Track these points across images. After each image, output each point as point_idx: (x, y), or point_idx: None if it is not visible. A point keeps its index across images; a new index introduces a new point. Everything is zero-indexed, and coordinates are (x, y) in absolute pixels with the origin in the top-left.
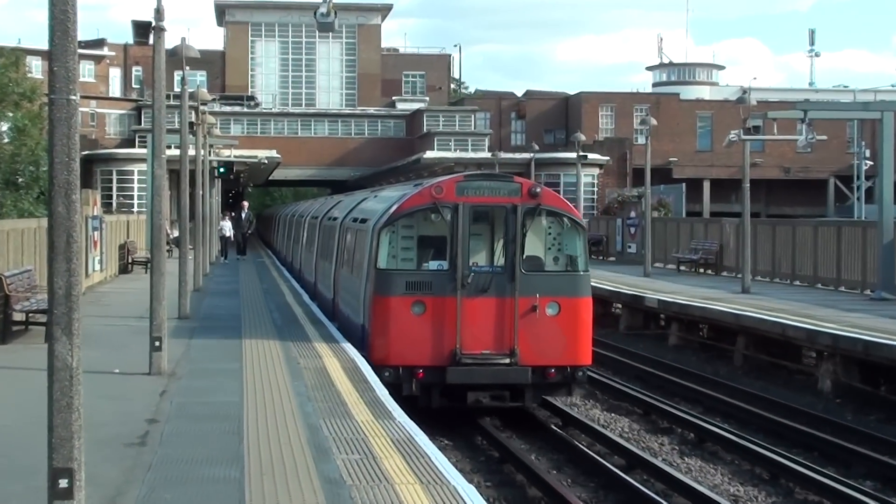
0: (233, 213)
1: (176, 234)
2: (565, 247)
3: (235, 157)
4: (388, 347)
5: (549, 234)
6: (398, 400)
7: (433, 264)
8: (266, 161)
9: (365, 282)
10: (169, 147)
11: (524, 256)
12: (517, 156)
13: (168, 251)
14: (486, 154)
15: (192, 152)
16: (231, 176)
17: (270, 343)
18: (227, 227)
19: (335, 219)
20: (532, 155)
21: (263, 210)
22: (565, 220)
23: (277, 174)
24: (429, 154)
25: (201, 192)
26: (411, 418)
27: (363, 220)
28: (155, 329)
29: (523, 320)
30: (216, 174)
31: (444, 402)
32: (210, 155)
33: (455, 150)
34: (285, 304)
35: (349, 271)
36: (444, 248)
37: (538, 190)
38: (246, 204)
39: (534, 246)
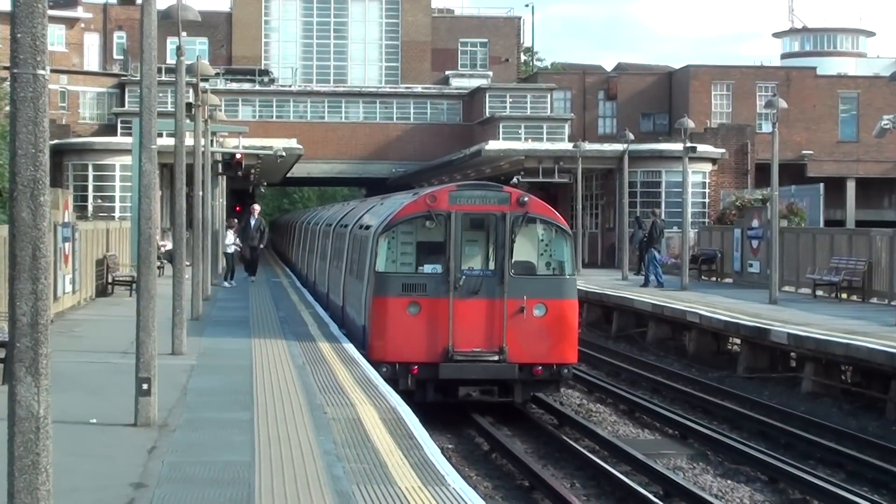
0: (237, 221)
1: (169, 246)
2: (553, 252)
3: (245, 147)
4: (385, 345)
5: (542, 240)
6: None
7: (428, 268)
8: (283, 153)
9: (366, 284)
10: (160, 135)
11: (515, 261)
12: (605, 147)
13: (159, 268)
14: (566, 145)
15: (189, 142)
16: (239, 172)
17: (289, 386)
18: (232, 240)
19: (346, 226)
20: (625, 146)
21: (279, 216)
22: (552, 227)
23: (298, 170)
24: (492, 145)
25: (201, 193)
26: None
27: (367, 227)
28: (142, 368)
29: (511, 320)
30: (220, 170)
31: (437, 397)
32: (213, 145)
33: (526, 139)
34: (307, 335)
35: (354, 276)
36: (438, 252)
37: (526, 199)
38: (257, 209)
39: (525, 251)
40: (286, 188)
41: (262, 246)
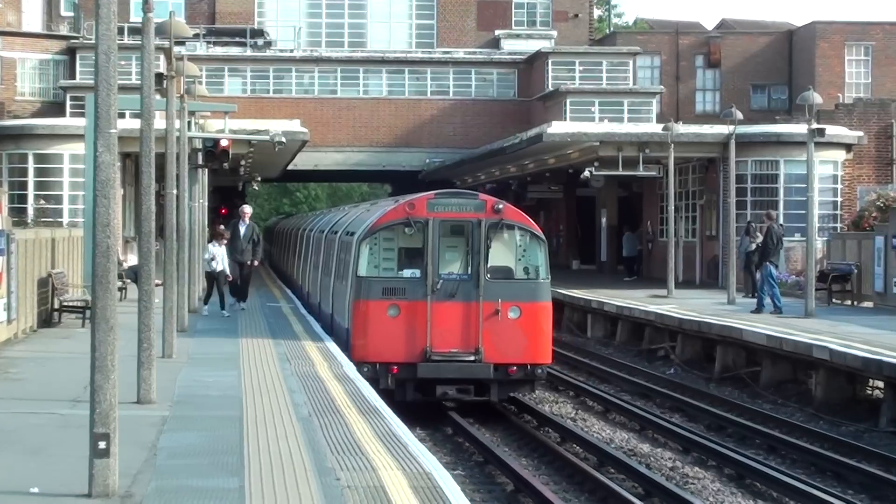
0: (223, 227)
1: (134, 261)
2: (527, 257)
3: (233, 132)
4: (366, 346)
5: (520, 246)
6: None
7: (407, 272)
8: (283, 139)
9: (349, 289)
10: (122, 116)
11: (492, 265)
12: (706, 129)
13: (120, 290)
14: (654, 127)
15: (160, 124)
16: (226, 164)
17: (290, 443)
18: (220, 255)
19: (336, 232)
20: (731, 129)
21: (277, 221)
22: (527, 233)
23: (302, 161)
24: (556, 127)
25: (175, 192)
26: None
27: (352, 234)
28: (99, 421)
29: (487, 322)
30: (201, 161)
31: (416, 396)
32: (191, 129)
33: (601, 118)
34: (314, 377)
35: (339, 281)
36: (417, 258)
37: (501, 206)
38: (247, 211)
39: (502, 256)
40: (287, 185)
41: (255, 262)
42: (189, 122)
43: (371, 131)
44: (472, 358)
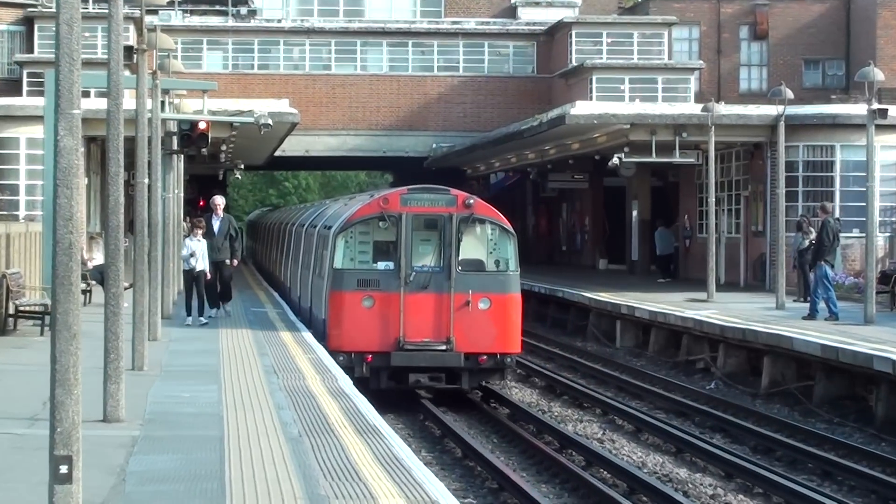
0: (202, 221)
1: (100, 259)
2: (497, 250)
3: (212, 113)
4: (342, 336)
5: (491, 239)
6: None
7: (381, 265)
8: (269, 122)
9: (325, 281)
10: (87, 95)
11: (464, 258)
12: (751, 110)
13: (85, 293)
14: (692, 108)
15: (130, 104)
16: (204, 149)
17: (278, 468)
18: (200, 252)
19: (315, 226)
20: (780, 110)
21: (262, 215)
22: (497, 227)
23: (291, 146)
24: (581, 108)
25: (147, 181)
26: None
27: (329, 227)
28: (60, 442)
29: (458, 313)
30: (176, 146)
31: (390, 384)
32: (166, 109)
33: (632, 97)
34: (305, 392)
35: (317, 274)
36: (391, 251)
37: (472, 201)
38: (220, 202)
39: (474, 249)
40: (274, 173)
41: (233, 262)
42: (162, 102)
43: (370, 112)
44: (444, 347)
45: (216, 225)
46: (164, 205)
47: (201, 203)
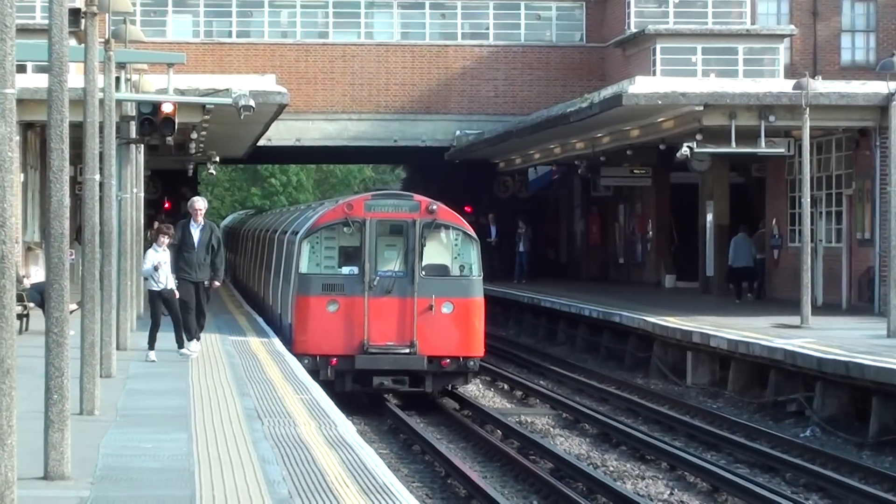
0: (170, 228)
1: (39, 276)
2: (461, 256)
3: (180, 92)
4: (307, 339)
5: (456, 244)
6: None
7: (345, 269)
8: (251, 103)
9: (291, 285)
10: (23, 70)
11: (428, 263)
12: (854, 88)
13: (20, 317)
14: (782, 84)
15: (77, 82)
16: (169, 138)
17: None
18: (164, 265)
19: (285, 232)
20: (892, 87)
21: (243, 222)
22: (459, 233)
23: (279, 133)
24: (642, 85)
25: (99, 178)
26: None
27: (296, 233)
28: None
29: (421, 317)
30: (135, 133)
31: (354, 387)
32: (122, 88)
33: (705, 71)
34: (296, 440)
35: (285, 279)
36: (356, 256)
37: (434, 207)
38: (200, 206)
39: (438, 254)
40: (257, 168)
41: (214, 283)
42: (117, 79)
43: (377, 92)
44: (408, 351)
45: (196, 235)
46: (120, 207)
47: (166, 205)
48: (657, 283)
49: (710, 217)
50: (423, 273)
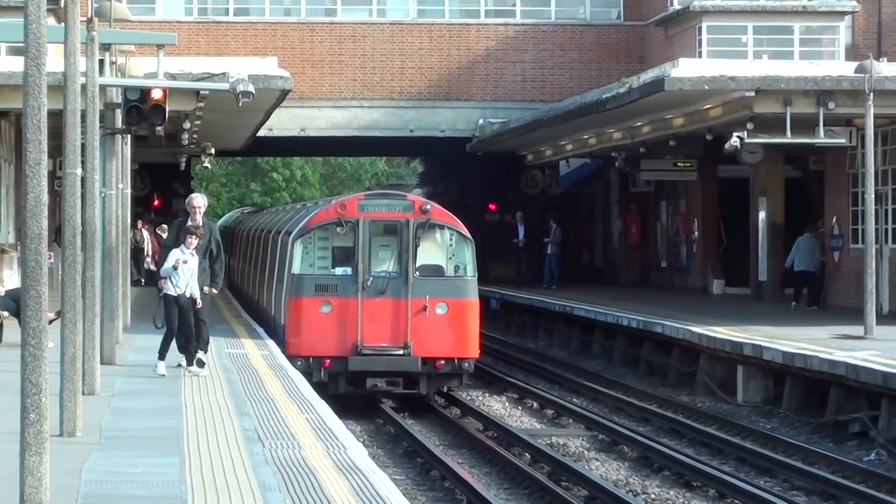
0: (194, 227)
1: (14, 281)
2: (456, 256)
3: (170, 76)
4: (300, 341)
5: (451, 245)
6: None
7: (339, 270)
8: (251, 88)
9: (285, 286)
10: None
11: (423, 264)
12: None
13: None
14: (843, 67)
15: (56, 65)
16: (159, 128)
17: None
18: (190, 270)
19: (280, 232)
20: None
21: (240, 221)
22: (454, 232)
23: (282, 123)
24: (686, 68)
25: (80, 172)
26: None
27: (289, 233)
28: None
29: (415, 318)
30: (122, 122)
31: (348, 389)
32: (106, 72)
33: (757, 52)
34: (302, 465)
35: (278, 280)
36: (350, 256)
37: (428, 207)
38: (200, 205)
39: (432, 255)
40: (257, 161)
41: (211, 290)
42: (101, 62)
43: (391, 76)
44: (401, 352)
45: (191, 237)
46: (105, 205)
47: (156, 203)
48: (703, 289)
49: (762, 215)
50: (417, 273)
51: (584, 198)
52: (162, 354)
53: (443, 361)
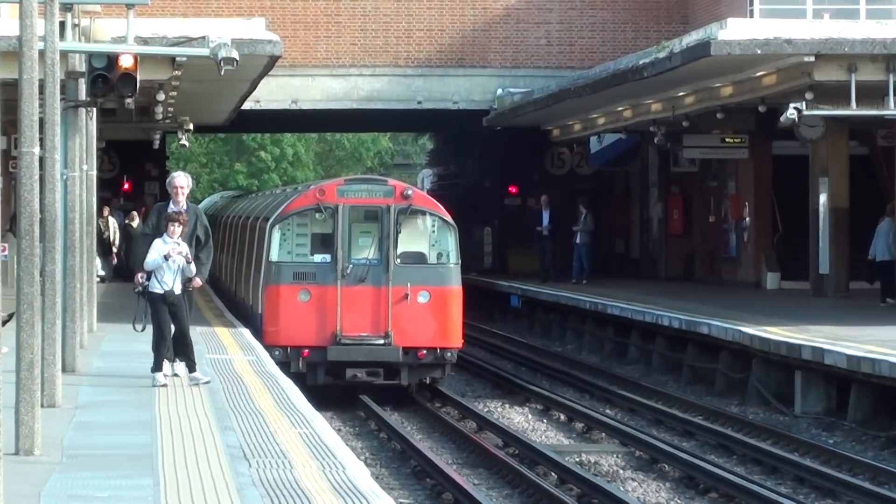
0: (176, 213)
1: None
2: (437, 242)
3: (143, 40)
4: (278, 330)
5: (433, 231)
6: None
7: (318, 257)
8: (235, 54)
9: (262, 274)
10: None
11: (404, 251)
12: None
13: None
14: None
15: (10, 28)
16: (128, 99)
17: None
18: (176, 264)
19: (258, 218)
20: None
21: (224, 205)
22: (436, 218)
23: (271, 93)
24: (735, 29)
25: (38, 151)
26: None
27: (267, 219)
28: None
29: (396, 306)
30: (87, 94)
31: (327, 379)
32: (68, 36)
33: (817, 12)
34: (293, 488)
35: (255, 267)
36: (329, 243)
37: (410, 192)
38: (182, 184)
39: (414, 241)
40: (242, 138)
41: (195, 281)
42: (62, 24)
43: (396, 39)
44: (382, 341)
45: (173, 223)
46: (67, 189)
47: (126, 186)
48: (756, 284)
49: (823, 198)
50: (399, 261)
51: (618, 179)
52: (158, 364)
53: (425, 351)
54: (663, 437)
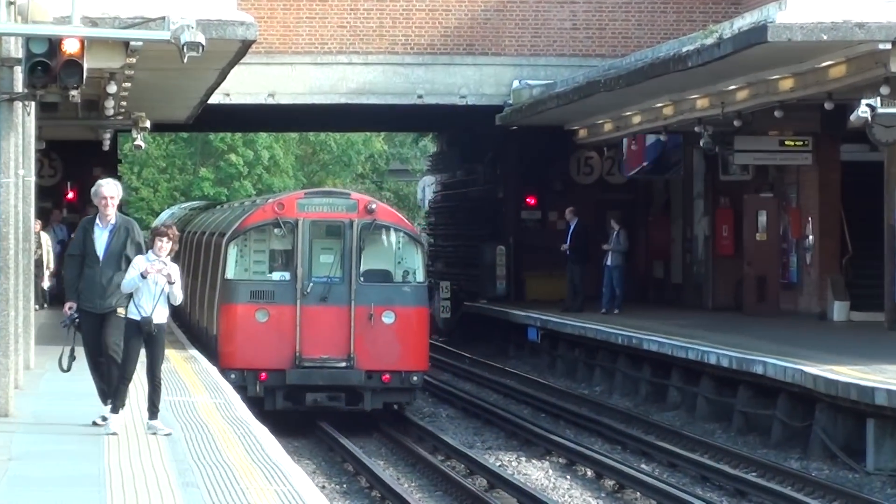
0: (166, 228)
1: None
2: (403, 260)
3: (91, 21)
4: (234, 352)
5: (398, 248)
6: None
7: (276, 275)
8: (201, 40)
9: (217, 293)
10: None
11: (368, 269)
12: None
13: None
14: None
15: None
16: (74, 92)
17: None
18: (152, 283)
19: (213, 234)
20: None
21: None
22: (401, 234)
23: (243, 85)
24: (795, 11)
25: None
26: None
27: (223, 234)
28: None
29: (360, 327)
30: (25, 85)
31: (286, 404)
32: (3, 16)
33: None
34: None
35: (210, 286)
36: (288, 260)
37: (374, 206)
38: (110, 194)
39: (378, 259)
40: (209, 138)
41: (120, 310)
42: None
43: (392, 22)
44: (344, 364)
45: (102, 239)
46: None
47: (70, 195)
48: (821, 315)
49: None
50: (362, 279)
51: (656, 189)
52: (115, 405)
53: (389, 375)
54: (710, 497)
